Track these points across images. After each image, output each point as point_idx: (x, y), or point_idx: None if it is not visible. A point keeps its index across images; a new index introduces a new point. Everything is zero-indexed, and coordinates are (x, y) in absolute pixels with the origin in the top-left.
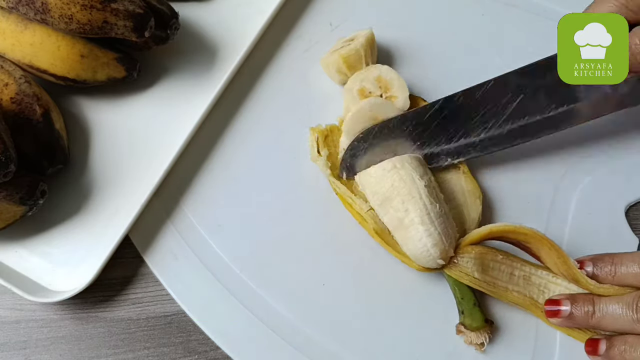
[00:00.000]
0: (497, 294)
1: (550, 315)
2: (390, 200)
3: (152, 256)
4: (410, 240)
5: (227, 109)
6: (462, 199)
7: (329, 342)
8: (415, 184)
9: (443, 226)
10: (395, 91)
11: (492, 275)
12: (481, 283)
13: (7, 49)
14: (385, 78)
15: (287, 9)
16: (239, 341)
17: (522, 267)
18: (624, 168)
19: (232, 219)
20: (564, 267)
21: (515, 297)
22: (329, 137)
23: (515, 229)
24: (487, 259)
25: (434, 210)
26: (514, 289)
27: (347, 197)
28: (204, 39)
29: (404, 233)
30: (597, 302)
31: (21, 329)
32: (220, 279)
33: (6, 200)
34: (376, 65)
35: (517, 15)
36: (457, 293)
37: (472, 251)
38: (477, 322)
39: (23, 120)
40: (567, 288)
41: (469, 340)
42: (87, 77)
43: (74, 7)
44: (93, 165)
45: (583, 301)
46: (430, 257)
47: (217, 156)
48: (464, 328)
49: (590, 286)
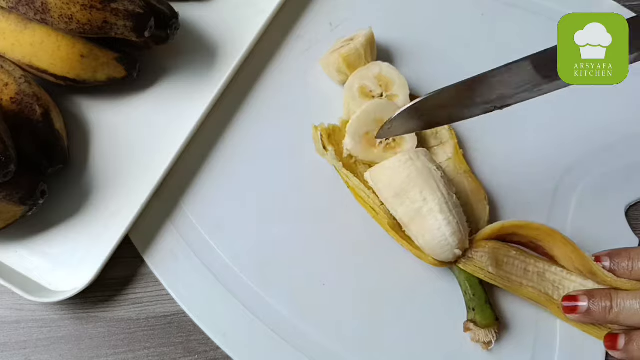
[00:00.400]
0: (512, 289)
1: (568, 312)
2: (407, 191)
3: (152, 256)
4: (429, 230)
5: (227, 109)
6: (466, 199)
7: (330, 342)
8: (432, 174)
9: (460, 216)
10: (397, 90)
11: (506, 270)
12: (496, 278)
13: (7, 49)
14: (386, 76)
15: (287, 9)
16: (239, 341)
17: (535, 264)
18: (624, 168)
19: (232, 219)
20: (579, 261)
21: (530, 293)
22: (332, 136)
23: (527, 224)
24: (500, 254)
25: (451, 200)
26: (529, 284)
27: (361, 190)
28: (204, 39)
29: (422, 223)
30: (615, 297)
31: (21, 329)
32: (221, 279)
33: (6, 200)
34: (376, 62)
35: (516, 15)
36: (469, 289)
37: (486, 246)
38: (488, 319)
39: (23, 121)
40: (582, 284)
41: (476, 338)
42: (87, 77)
43: (74, 7)
44: (93, 165)
45: (600, 297)
46: (448, 246)
47: (217, 156)
48: (473, 325)
49: (607, 279)
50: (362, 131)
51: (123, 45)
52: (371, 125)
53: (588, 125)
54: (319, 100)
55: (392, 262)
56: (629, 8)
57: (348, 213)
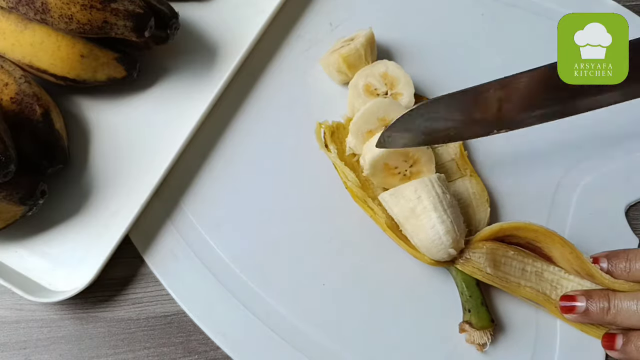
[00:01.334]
0: (510, 289)
1: (566, 311)
2: (402, 190)
3: (152, 256)
4: (422, 229)
5: (227, 109)
6: (469, 201)
7: (329, 342)
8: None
9: (455, 215)
10: (401, 88)
11: (504, 271)
12: (494, 278)
13: (7, 49)
14: (392, 74)
15: (287, 9)
16: (239, 341)
17: (533, 263)
18: (624, 168)
19: (232, 218)
20: (577, 263)
21: (528, 293)
22: (335, 134)
23: (526, 226)
24: (498, 255)
25: (445, 199)
26: (527, 284)
27: (358, 190)
28: (204, 39)
29: (416, 222)
30: (612, 298)
31: (21, 329)
32: (221, 279)
33: (6, 200)
34: (382, 61)
35: (516, 15)
36: (465, 291)
37: (484, 246)
38: (483, 321)
39: (23, 120)
40: (579, 284)
41: (471, 340)
42: (87, 77)
43: (74, 7)
44: (93, 165)
45: (598, 297)
46: (442, 245)
47: (217, 156)
48: (468, 327)
49: (605, 281)
50: (365, 129)
51: (123, 45)
52: (374, 123)
53: (588, 126)
54: (320, 100)
55: (392, 262)
56: (629, 8)
57: (347, 213)
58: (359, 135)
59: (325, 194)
